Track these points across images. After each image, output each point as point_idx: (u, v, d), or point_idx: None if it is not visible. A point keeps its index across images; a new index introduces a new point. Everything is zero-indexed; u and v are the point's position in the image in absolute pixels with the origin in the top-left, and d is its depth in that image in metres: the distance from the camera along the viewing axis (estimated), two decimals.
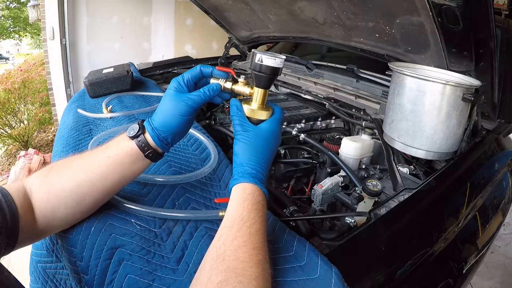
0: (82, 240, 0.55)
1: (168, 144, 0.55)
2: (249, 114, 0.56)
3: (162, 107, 0.54)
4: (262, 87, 0.56)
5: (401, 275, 0.60)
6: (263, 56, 0.53)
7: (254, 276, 0.40)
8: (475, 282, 1.64)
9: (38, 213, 0.49)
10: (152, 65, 1.83)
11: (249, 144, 0.53)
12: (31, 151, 3.07)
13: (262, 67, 0.53)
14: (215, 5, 1.70)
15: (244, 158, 0.52)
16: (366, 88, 1.32)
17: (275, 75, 0.55)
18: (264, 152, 0.53)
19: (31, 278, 0.73)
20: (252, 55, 0.54)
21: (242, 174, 0.51)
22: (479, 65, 0.89)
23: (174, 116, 0.53)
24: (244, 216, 0.46)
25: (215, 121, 1.39)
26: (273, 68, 0.53)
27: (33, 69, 4.29)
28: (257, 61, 0.54)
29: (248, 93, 0.58)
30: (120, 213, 0.59)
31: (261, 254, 0.44)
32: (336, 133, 1.26)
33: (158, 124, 0.54)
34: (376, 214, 0.68)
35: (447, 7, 0.77)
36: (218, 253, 0.42)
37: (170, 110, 0.54)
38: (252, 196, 0.48)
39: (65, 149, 0.88)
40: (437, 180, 0.78)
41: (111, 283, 0.50)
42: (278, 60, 0.53)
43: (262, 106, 0.57)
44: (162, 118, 0.54)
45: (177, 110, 0.53)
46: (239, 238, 0.44)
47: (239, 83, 0.59)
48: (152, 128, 0.54)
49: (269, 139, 0.54)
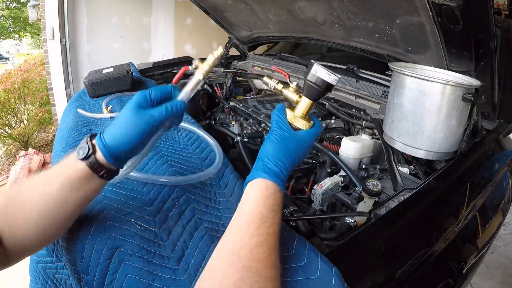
0: (82, 240, 0.55)
1: (121, 161, 0.51)
2: (290, 120, 0.56)
3: (119, 121, 0.49)
4: (310, 98, 0.57)
5: (401, 275, 0.60)
6: (319, 68, 0.54)
7: (269, 277, 0.40)
8: (475, 282, 1.64)
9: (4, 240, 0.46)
10: (152, 65, 1.83)
11: (282, 143, 0.52)
12: (31, 151, 3.07)
13: (316, 79, 0.54)
14: (215, 5, 1.70)
15: (272, 154, 0.51)
16: (366, 88, 1.32)
17: (327, 90, 0.55)
18: (293, 157, 0.52)
19: (31, 278, 0.73)
20: (310, 65, 0.55)
21: (267, 170, 0.49)
22: (479, 65, 0.89)
23: (130, 133, 0.48)
24: (264, 214, 0.45)
25: (215, 121, 1.39)
26: (326, 82, 0.54)
27: (33, 69, 4.29)
28: (313, 72, 0.54)
29: (295, 100, 0.58)
30: (120, 213, 0.59)
31: (275, 255, 0.43)
32: (336, 133, 1.26)
33: (111, 140, 0.48)
34: (376, 214, 0.68)
35: (447, 7, 0.77)
36: (234, 250, 0.41)
37: (127, 125, 0.48)
38: (274, 196, 0.47)
39: (65, 149, 0.89)
40: (437, 180, 0.78)
41: (111, 283, 0.50)
42: (333, 77, 0.54)
43: (304, 116, 0.57)
44: (118, 134, 0.48)
45: (135, 127, 0.48)
46: (257, 236, 0.43)
47: (290, 88, 0.60)
48: (103, 145, 0.48)
49: (302, 145, 0.54)
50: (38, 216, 0.47)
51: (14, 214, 0.47)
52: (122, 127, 0.48)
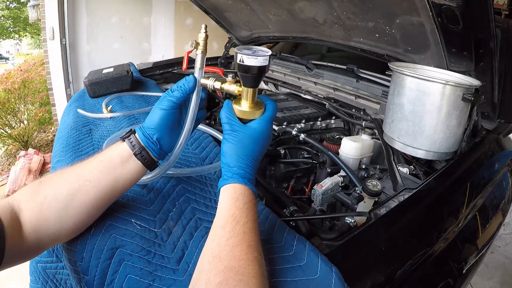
0: (83, 240, 0.55)
1: (155, 143, 0.55)
2: (239, 114, 0.55)
3: (150, 112, 0.57)
4: (249, 86, 0.54)
5: (401, 275, 0.60)
6: (244, 56, 0.50)
7: (253, 274, 0.40)
8: (475, 282, 1.64)
9: (27, 232, 0.46)
10: (152, 65, 1.83)
11: (237, 144, 0.52)
12: (31, 151, 3.07)
13: (244, 67, 0.51)
14: (215, 5, 1.70)
15: (232, 158, 0.51)
16: (366, 88, 1.32)
17: (260, 74, 0.52)
18: (252, 152, 0.52)
19: (31, 278, 0.73)
20: (235, 54, 0.52)
21: (231, 174, 0.50)
22: (479, 65, 0.89)
23: (155, 112, 0.55)
24: (237, 215, 0.46)
25: (215, 121, 1.39)
26: (256, 67, 0.50)
27: (33, 69, 4.29)
28: (239, 62, 0.51)
29: (237, 92, 0.56)
30: (120, 214, 0.59)
31: (256, 251, 0.44)
32: (336, 133, 1.26)
33: (146, 123, 0.56)
34: (376, 214, 0.68)
35: (447, 7, 0.77)
36: (214, 254, 0.42)
37: (154, 108, 0.56)
38: (243, 195, 0.48)
39: (65, 149, 0.88)
40: (437, 180, 0.78)
41: (111, 283, 0.50)
42: (260, 59, 0.50)
43: (252, 105, 0.55)
44: (148, 117, 0.56)
45: (158, 106, 0.55)
46: (233, 237, 0.44)
47: (227, 82, 0.57)
48: (140, 127, 0.56)
49: (258, 138, 0.53)
50: (68, 194, 0.50)
51: (44, 192, 0.49)
52: (151, 111, 0.56)
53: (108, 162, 0.53)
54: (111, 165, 0.52)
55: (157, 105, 0.55)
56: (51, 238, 0.50)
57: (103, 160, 0.53)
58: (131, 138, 0.55)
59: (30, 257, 0.51)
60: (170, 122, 0.55)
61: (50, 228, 0.49)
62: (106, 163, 0.52)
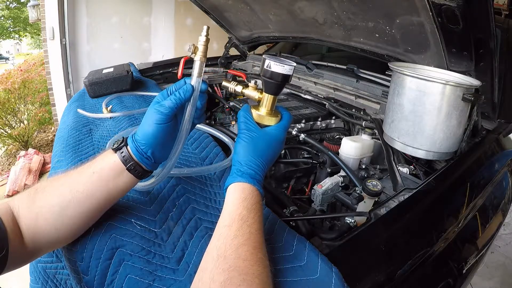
0: (83, 240, 0.55)
1: (149, 158, 0.53)
2: (256, 119, 0.56)
3: (143, 120, 0.54)
4: (270, 93, 0.56)
5: (401, 275, 0.60)
6: (271, 63, 0.53)
7: (257, 274, 0.40)
8: (475, 282, 1.64)
9: (25, 237, 0.47)
10: (152, 65, 1.83)
11: (251, 144, 0.53)
12: (31, 151, 3.07)
13: (270, 73, 0.53)
14: (215, 5, 1.70)
15: (244, 157, 0.52)
16: (366, 88, 1.32)
17: (284, 82, 0.54)
18: (265, 155, 0.53)
19: (31, 278, 0.73)
20: (262, 60, 0.54)
21: (241, 173, 0.51)
22: (479, 65, 0.89)
23: (149, 125, 0.52)
24: (244, 215, 0.46)
25: (215, 121, 1.39)
26: (282, 75, 0.53)
27: (33, 69, 4.28)
28: (266, 67, 0.53)
29: (257, 98, 0.58)
30: (120, 214, 0.59)
31: (261, 252, 0.44)
32: (336, 133, 1.26)
33: (138, 136, 0.53)
34: (376, 214, 0.68)
35: (447, 7, 0.77)
36: (219, 252, 0.42)
37: (146, 120, 0.53)
38: (251, 196, 0.49)
39: (65, 149, 0.88)
40: (437, 180, 0.78)
41: (111, 283, 0.50)
42: (287, 67, 0.53)
43: (270, 112, 0.57)
44: (141, 129, 0.53)
45: (152, 119, 0.52)
46: (239, 237, 0.44)
47: (250, 88, 0.59)
48: (132, 140, 0.53)
49: (272, 143, 0.54)
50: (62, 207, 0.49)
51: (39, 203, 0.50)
52: (143, 121, 0.53)
53: (100, 175, 0.51)
54: (103, 178, 0.52)
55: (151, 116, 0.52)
56: (49, 244, 0.51)
57: (95, 172, 0.52)
58: (123, 151, 0.52)
59: (30, 260, 0.51)
60: (165, 134, 0.53)
61: (47, 236, 0.49)
62: (98, 175, 0.51)
